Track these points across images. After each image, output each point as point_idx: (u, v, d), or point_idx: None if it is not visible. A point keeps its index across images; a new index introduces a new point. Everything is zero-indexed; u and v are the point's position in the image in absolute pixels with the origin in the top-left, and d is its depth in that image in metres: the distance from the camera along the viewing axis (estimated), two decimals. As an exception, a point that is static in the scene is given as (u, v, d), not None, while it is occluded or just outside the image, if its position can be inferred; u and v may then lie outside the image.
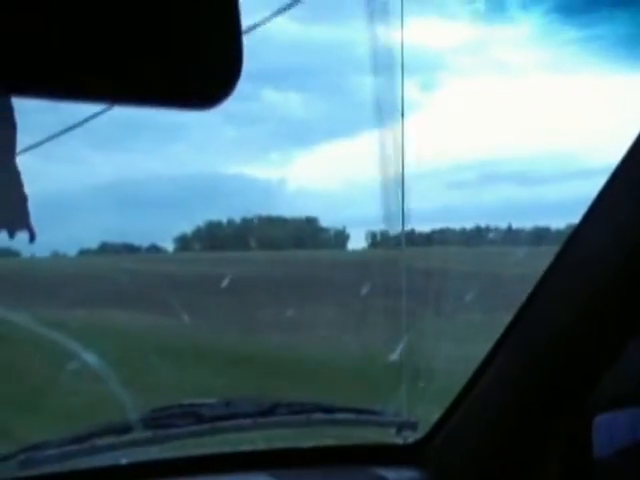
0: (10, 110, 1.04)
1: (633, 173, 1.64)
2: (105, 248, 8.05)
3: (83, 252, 8.28)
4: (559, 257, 1.77)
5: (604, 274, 1.69)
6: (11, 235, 1.08)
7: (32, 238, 1.10)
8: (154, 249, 8.61)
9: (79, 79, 0.75)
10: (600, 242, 1.71)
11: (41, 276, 7.58)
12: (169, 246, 8.90)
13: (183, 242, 8.66)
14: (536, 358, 1.84)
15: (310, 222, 8.51)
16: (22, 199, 1.09)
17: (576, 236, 1.75)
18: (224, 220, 8.49)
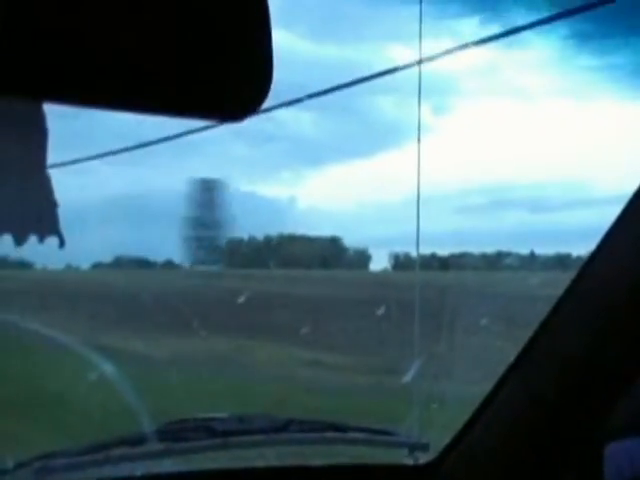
0: (41, 116, 1.05)
1: None
2: (119, 262, 8.07)
3: (97, 265, 8.32)
4: (572, 286, 1.78)
5: (617, 303, 1.70)
6: (41, 240, 1.09)
7: (62, 244, 1.11)
8: (169, 265, 8.62)
9: (115, 88, 0.76)
10: (614, 271, 1.72)
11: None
12: (185, 262, 8.90)
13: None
14: (548, 385, 1.84)
15: (333, 242, 8.51)
16: (52, 204, 1.11)
17: (590, 264, 1.76)
18: (245, 237, 8.49)
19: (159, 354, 6.81)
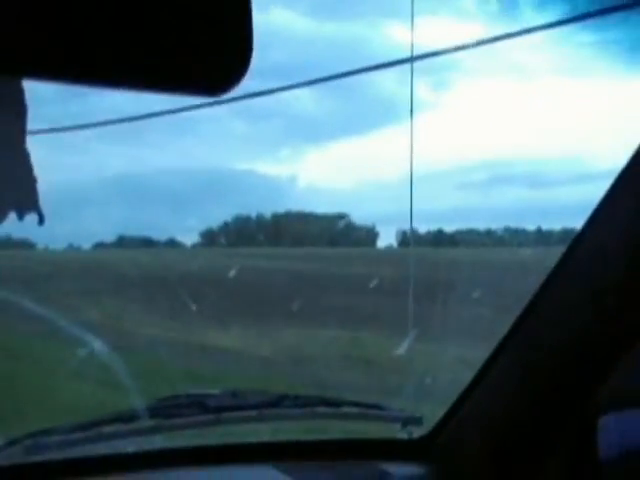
0: (21, 93, 1.04)
1: (637, 177, 1.64)
2: (122, 242, 8.05)
3: (99, 245, 8.31)
4: (565, 257, 1.77)
5: (610, 274, 1.69)
6: (20, 217, 1.08)
7: (41, 220, 1.10)
8: (171, 243, 8.61)
9: (92, 62, 0.75)
10: (607, 241, 1.71)
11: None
12: (187, 240, 8.88)
13: (208, 237, 8.61)
14: (542, 357, 1.84)
15: (340, 219, 8.47)
16: (31, 181, 1.09)
17: (583, 235, 1.75)
18: (253, 215, 8.46)
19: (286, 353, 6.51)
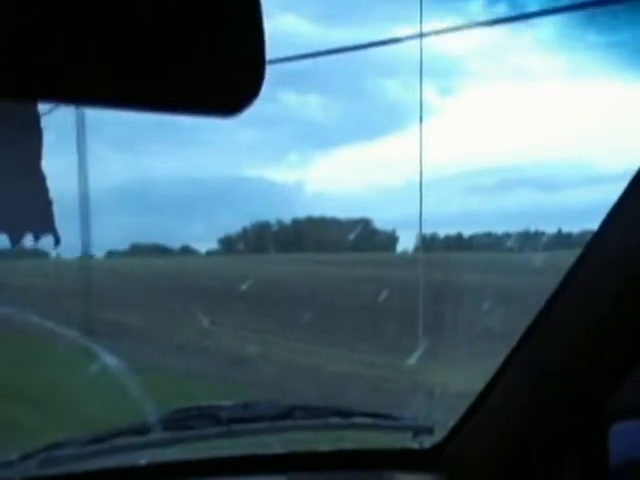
0: (36, 115, 1.06)
1: None
2: (136, 249, 8.06)
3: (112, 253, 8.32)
4: (577, 265, 1.77)
5: (622, 282, 1.69)
6: (36, 238, 1.10)
7: (57, 242, 1.12)
8: (186, 250, 8.60)
9: (107, 85, 0.76)
10: (618, 250, 1.71)
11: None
12: (201, 247, 8.87)
13: (228, 243, 8.56)
14: (552, 367, 1.84)
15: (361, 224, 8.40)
16: (47, 203, 1.11)
17: (593, 242, 1.75)
18: (273, 220, 8.41)
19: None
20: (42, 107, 1.06)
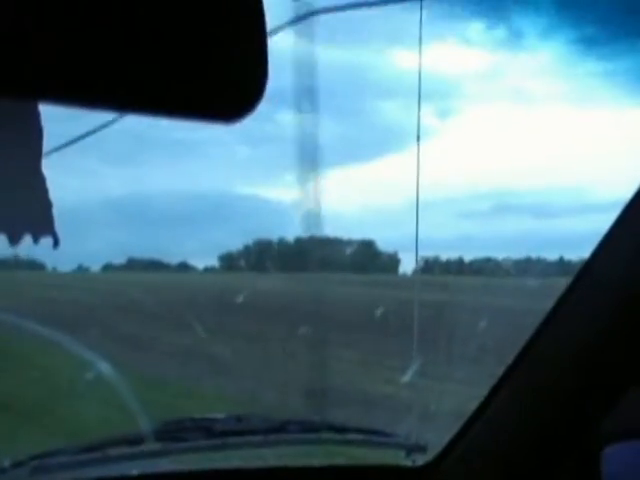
0: (36, 116, 1.06)
1: None
2: (132, 264, 8.01)
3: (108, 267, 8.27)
4: (571, 287, 1.78)
5: (616, 304, 1.70)
6: (35, 240, 1.09)
7: (56, 244, 1.11)
8: (183, 267, 8.55)
9: (105, 87, 0.76)
10: (613, 272, 1.71)
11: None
12: (199, 264, 8.82)
13: (229, 261, 8.49)
14: (547, 387, 1.84)
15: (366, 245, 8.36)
16: (47, 205, 1.11)
17: (589, 267, 1.75)
18: (274, 239, 8.35)
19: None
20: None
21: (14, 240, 1.07)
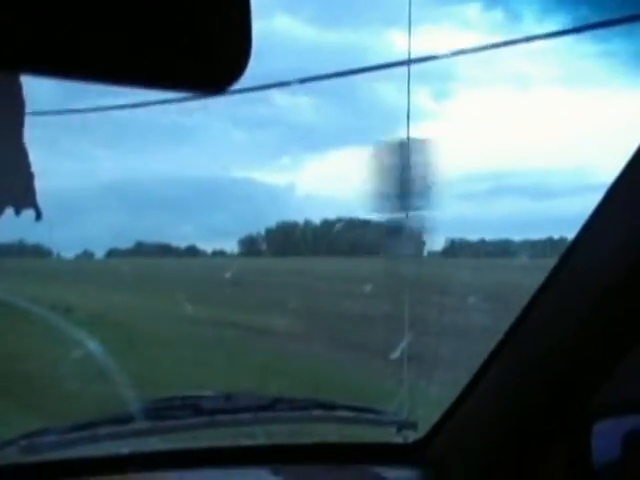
0: (18, 88, 1.05)
1: (632, 186, 1.64)
2: (140, 249, 7.99)
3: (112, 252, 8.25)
4: (560, 265, 1.77)
5: (603, 283, 1.69)
6: (17, 212, 1.09)
7: (38, 216, 1.11)
8: (192, 251, 8.53)
9: (90, 59, 0.75)
10: (599, 250, 1.71)
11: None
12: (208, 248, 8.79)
13: (249, 245, 8.42)
14: (536, 363, 1.84)
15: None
16: (29, 177, 1.10)
17: (574, 248, 1.75)
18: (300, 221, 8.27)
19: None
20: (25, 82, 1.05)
21: None
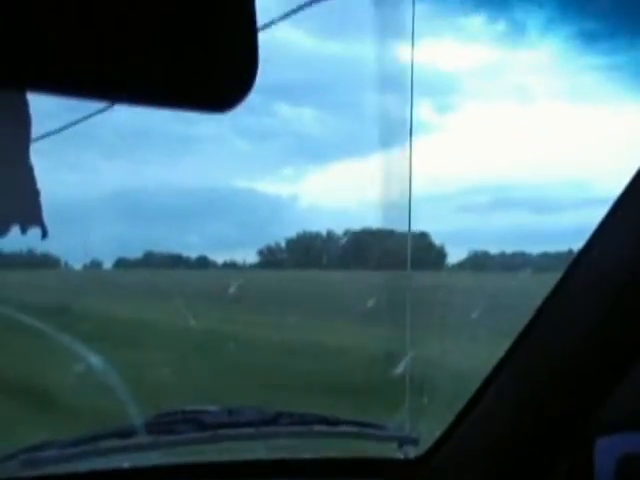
0: (25, 105, 1.05)
1: (636, 201, 1.64)
2: (150, 258, 7.95)
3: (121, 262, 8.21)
4: (563, 281, 1.77)
5: (607, 299, 1.69)
6: (23, 231, 1.09)
7: (44, 234, 1.11)
8: (203, 262, 8.49)
9: (97, 77, 0.76)
10: (605, 267, 1.71)
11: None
12: (218, 259, 8.76)
13: (262, 256, 8.39)
14: (539, 379, 1.83)
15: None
16: (34, 194, 1.10)
17: (580, 260, 1.75)
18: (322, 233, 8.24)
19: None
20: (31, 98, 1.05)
21: (1, 231, 1.06)
